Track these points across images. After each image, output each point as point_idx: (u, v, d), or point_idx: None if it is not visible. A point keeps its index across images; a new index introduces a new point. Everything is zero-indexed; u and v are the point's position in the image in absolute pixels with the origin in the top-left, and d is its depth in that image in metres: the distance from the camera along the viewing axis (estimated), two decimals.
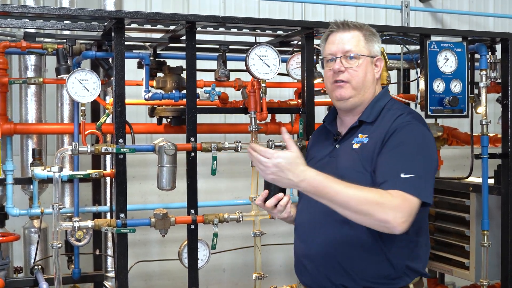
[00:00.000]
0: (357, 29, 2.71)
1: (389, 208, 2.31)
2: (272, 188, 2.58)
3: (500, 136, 4.20)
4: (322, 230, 2.61)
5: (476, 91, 4.57)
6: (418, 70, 3.93)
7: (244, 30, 4.18)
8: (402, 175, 2.40)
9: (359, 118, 2.69)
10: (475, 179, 4.40)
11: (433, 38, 3.90)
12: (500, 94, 4.22)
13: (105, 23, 3.63)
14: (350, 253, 2.56)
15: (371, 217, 2.32)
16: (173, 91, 3.74)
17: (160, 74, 4.12)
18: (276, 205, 2.59)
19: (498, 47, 4.20)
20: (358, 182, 2.40)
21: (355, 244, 2.55)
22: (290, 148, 2.37)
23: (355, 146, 2.62)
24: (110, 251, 4.60)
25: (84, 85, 3.44)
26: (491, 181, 4.25)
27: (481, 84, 4.11)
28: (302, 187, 2.35)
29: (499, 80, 4.17)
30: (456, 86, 3.89)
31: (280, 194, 2.59)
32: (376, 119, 2.66)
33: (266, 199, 2.59)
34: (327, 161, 2.68)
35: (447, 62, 3.88)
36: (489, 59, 4.16)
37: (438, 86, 3.85)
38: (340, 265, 2.57)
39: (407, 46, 4.22)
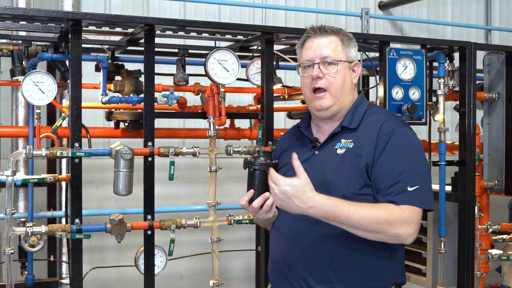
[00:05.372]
0: (334, 34, 2.66)
1: (400, 223, 2.40)
2: (257, 188, 2.53)
3: (458, 143, 4.23)
4: (304, 237, 2.57)
5: (434, 99, 4.61)
6: (377, 77, 3.94)
7: (204, 35, 4.16)
8: (409, 188, 2.46)
9: (342, 124, 2.64)
10: (433, 186, 4.41)
11: (392, 45, 3.91)
12: (457, 102, 4.26)
13: (62, 25, 3.56)
14: (333, 260, 2.53)
15: (384, 234, 2.40)
16: (131, 95, 3.69)
17: (118, 78, 4.06)
18: (262, 206, 2.55)
19: (456, 55, 4.24)
20: (344, 186, 2.47)
21: (339, 250, 2.52)
22: (299, 176, 2.39)
23: (340, 151, 2.58)
24: (65, 257, 4.51)
25: (39, 88, 3.37)
26: (448, 188, 4.28)
27: (439, 92, 4.14)
28: (311, 214, 2.38)
29: (457, 88, 4.21)
30: (414, 94, 3.91)
31: (267, 194, 2.54)
32: (359, 125, 2.64)
33: (251, 200, 2.54)
34: (305, 167, 2.62)
35: (406, 69, 3.90)
36: (447, 67, 4.19)
37: (397, 93, 3.87)
38: (323, 272, 2.54)
39: (366, 53, 4.23)
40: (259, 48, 3.91)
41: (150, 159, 3.44)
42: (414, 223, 2.43)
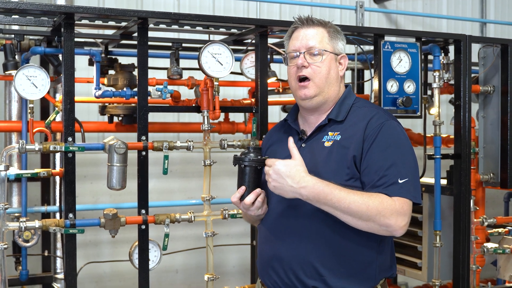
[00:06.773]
0: (321, 26, 2.67)
1: (391, 214, 2.40)
2: (249, 184, 2.51)
3: (453, 137, 4.23)
4: (293, 231, 2.56)
5: (429, 92, 4.60)
6: (372, 70, 3.93)
7: (197, 28, 4.13)
8: (399, 181, 2.46)
9: (329, 116, 2.65)
10: (428, 180, 4.43)
11: (387, 38, 3.90)
12: (452, 95, 4.25)
13: (55, 18, 3.54)
14: (322, 253, 2.52)
15: (374, 223, 2.40)
16: (125, 89, 3.67)
17: (111, 72, 4.04)
18: (254, 202, 2.54)
19: (451, 48, 4.22)
20: (330, 178, 2.45)
21: (328, 244, 2.52)
22: (293, 157, 2.43)
23: (327, 144, 2.59)
24: (59, 252, 4.50)
25: (32, 82, 3.35)
26: (444, 182, 4.28)
27: (434, 85, 4.13)
28: (304, 194, 2.39)
29: (452, 81, 4.20)
30: (409, 87, 3.90)
31: (258, 190, 2.55)
32: (346, 117, 2.64)
33: (242, 196, 2.52)
34: None
35: (400, 62, 3.89)
36: (442, 60, 4.18)
37: (392, 86, 3.86)
38: (312, 266, 2.53)
39: (361, 46, 4.22)
40: (253, 41, 3.89)
41: (144, 153, 3.42)
42: (406, 214, 2.43)
